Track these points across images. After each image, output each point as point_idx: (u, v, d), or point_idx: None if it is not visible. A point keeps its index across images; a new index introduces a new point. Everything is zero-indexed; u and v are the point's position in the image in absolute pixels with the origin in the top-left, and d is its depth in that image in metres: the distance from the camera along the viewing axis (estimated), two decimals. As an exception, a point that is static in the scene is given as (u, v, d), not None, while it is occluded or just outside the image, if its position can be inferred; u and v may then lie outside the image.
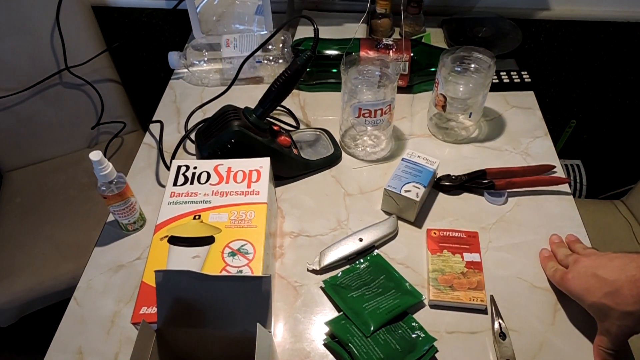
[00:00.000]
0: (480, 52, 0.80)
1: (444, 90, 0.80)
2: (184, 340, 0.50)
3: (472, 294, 0.63)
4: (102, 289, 0.68)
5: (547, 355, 0.59)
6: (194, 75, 1.01)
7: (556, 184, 0.77)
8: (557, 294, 0.64)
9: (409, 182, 0.72)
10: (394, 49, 0.91)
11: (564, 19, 1.18)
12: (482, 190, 0.77)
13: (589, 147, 1.49)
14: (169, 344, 0.50)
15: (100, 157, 0.65)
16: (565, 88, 1.34)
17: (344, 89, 0.78)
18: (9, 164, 1.29)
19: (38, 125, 1.25)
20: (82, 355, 0.61)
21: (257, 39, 0.98)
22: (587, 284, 0.56)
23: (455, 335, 0.61)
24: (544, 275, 0.66)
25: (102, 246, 0.73)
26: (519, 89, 0.96)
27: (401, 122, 0.90)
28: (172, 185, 0.63)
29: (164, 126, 0.91)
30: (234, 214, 0.59)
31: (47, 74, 1.18)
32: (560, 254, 0.65)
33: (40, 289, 1.06)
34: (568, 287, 0.59)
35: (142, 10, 1.26)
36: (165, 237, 0.57)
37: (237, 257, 0.54)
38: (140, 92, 1.40)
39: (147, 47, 1.36)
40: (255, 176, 0.63)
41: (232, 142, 0.71)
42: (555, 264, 0.64)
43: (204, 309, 0.47)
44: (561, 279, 0.60)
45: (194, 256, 0.54)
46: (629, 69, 1.27)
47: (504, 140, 0.87)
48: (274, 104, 0.74)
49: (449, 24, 1.10)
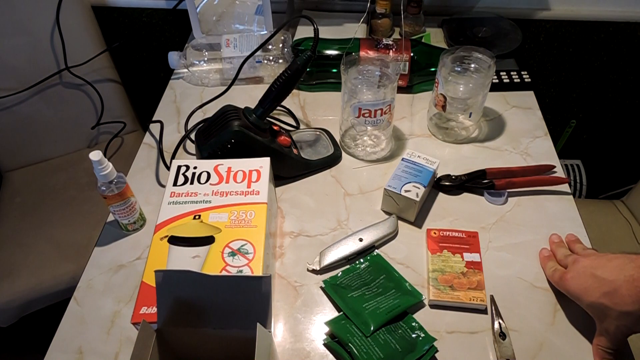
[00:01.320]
0: (480, 52, 0.80)
1: (444, 90, 0.80)
2: (184, 340, 0.50)
3: (472, 294, 0.63)
4: (102, 289, 0.68)
5: (547, 355, 0.59)
6: (194, 75, 1.01)
7: (556, 184, 0.77)
8: (557, 294, 0.64)
9: (409, 182, 0.72)
10: (394, 49, 0.91)
11: (564, 19, 1.18)
12: (482, 190, 0.77)
13: (589, 147, 1.49)
14: (169, 344, 0.50)
15: (100, 157, 0.65)
16: (565, 88, 1.34)
17: (344, 89, 0.78)
18: (9, 164, 1.29)
19: (38, 125, 1.25)
20: (82, 355, 0.61)
21: (257, 39, 0.98)
22: (586, 284, 0.56)
23: (455, 335, 0.61)
24: (544, 275, 0.66)
25: (102, 246, 0.73)
26: (519, 89, 0.96)
27: (401, 122, 0.90)
28: (172, 185, 0.63)
29: (164, 126, 0.90)
30: (234, 214, 0.59)
31: (47, 74, 1.18)
32: (559, 254, 0.65)
33: (40, 289, 1.06)
34: (567, 287, 0.59)
35: (142, 10, 1.26)
36: (165, 237, 0.57)
37: (237, 257, 0.54)
38: (140, 92, 1.40)
39: (147, 47, 1.36)
40: (255, 176, 0.63)
41: (232, 142, 0.71)
42: (554, 264, 0.64)
43: (204, 309, 0.47)
44: (560, 279, 0.60)
45: (194, 256, 0.54)
46: (629, 69, 1.27)
47: (504, 140, 0.87)
48: (274, 104, 0.74)
49: (449, 24, 1.10)
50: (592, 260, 0.57)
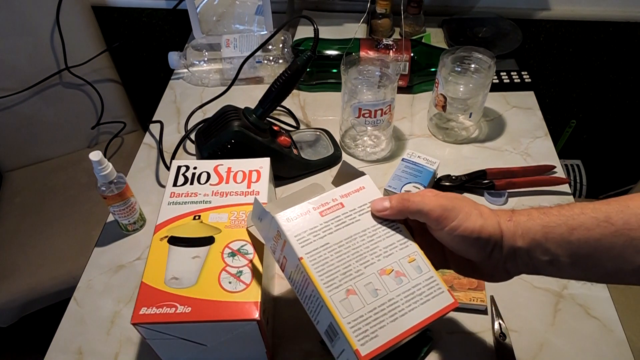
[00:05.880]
0: (480, 52, 0.80)
1: (444, 90, 0.80)
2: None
3: (472, 294, 0.63)
4: (102, 289, 0.68)
5: (547, 355, 0.59)
6: (194, 75, 1.01)
7: (556, 184, 0.77)
8: (557, 294, 0.64)
9: (409, 182, 0.72)
10: (394, 49, 0.91)
11: (564, 19, 1.18)
12: (483, 191, 0.77)
13: (589, 147, 1.49)
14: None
15: (100, 157, 0.65)
16: (565, 88, 1.34)
17: (344, 89, 0.78)
18: (9, 164, 1.29)
19: (38, 125, 1.25)
20: (82, 356, 0.61)
21: (257, 39, 0.98)
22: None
23: (455, 336, 0.61)
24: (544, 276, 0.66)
25: (102, 246, 0.73)
26: (519, 89, 0.96)
27: (401, 122, 0.90)
28: (172, 186, 0.63)
29: (164, 126, 0.90)
30: (234, 214, 0.59)
31: (47, 74, 1.18)
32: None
33: (40, 289, 1.06)
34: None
35: (142, 10, 1.26)
36: (165, 237, 0.57)
37: (237, 257, 0.54)
38: (140, 92, 1.40)
39: (147, 47, 1.36)
40: (255, 176, 0.63)
41: (232, 143, 0.71)
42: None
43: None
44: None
45: (193, 256, 0.54)
46: (629, 69, 1.27)
47: (504, 140, 0.87)
48: (274, 104, 0.74)
49: (449, 24, 1.10)
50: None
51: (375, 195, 0.50)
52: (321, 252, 0.45)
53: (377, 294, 0.44)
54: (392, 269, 0.46)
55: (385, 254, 0.47)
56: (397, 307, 0.44)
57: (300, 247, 0.45)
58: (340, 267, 0.45)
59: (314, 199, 0.48)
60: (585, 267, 0.43)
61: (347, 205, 0.49)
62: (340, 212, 0.48)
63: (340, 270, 0.44)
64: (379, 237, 0.47)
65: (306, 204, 0.48)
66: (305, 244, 0.45)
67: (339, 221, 0.47)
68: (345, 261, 0.45)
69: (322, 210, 0.48)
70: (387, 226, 0.48)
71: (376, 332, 0.42)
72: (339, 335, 0.42)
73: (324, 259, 0.45)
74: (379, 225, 0.48)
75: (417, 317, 0.44)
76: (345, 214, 0.48)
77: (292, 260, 0.46)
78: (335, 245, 0.46)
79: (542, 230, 0.43)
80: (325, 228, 0.46)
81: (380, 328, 0.42)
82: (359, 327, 0.42)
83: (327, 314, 0.43)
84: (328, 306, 0.42)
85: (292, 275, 0.47)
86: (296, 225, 0.46)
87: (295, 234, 0.45)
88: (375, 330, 0.42)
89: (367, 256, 0.46)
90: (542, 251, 0.44)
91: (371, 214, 0.49)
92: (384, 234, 0.48)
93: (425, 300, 0.45)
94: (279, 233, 0.46)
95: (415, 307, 0.45)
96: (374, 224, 0.48)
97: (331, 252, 0.45)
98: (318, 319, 0.45)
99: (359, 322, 0.42)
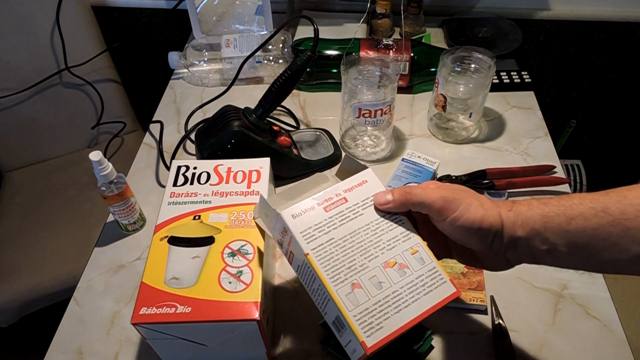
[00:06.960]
0: (480, 52, 0.80)
1: (444, 90, 0.80)
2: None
3: (472, 294, 0.63)
4: (102, 289, 0.68)
5: (547, 355, 0.59)
6: (194, 75, 1.01)
7: (556, 184, 0.77)
8: (557, 294, 0.64)
9: (409, 182, 0.72)
10: (394, 49, 0.91)
11: (564, 19, 1.18)
12: (483, 191, 0.77)
13: (589, 147, 1.49)
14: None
15: (100, 157, 0.65)
16: (565, 88, 1.34)
17: (344, 89, 0.78)
18: (9, 164, 1.29)
19: (38, 125, 1.25)
20: (82, 356, 0.61)
21: (257, 39, 0.98)
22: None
23: (455, 335, 0.61)
24: (544, 275, 0.66)
25: (102, 246, 0.73)
26: (519, 89, 0.96)
27: (401, 122, 0.90)
28: (172, 186, 0.63)
29: (164, 126, 0.90)
30: (234, 214, 0.59)
31: (47, 74, 1.18)
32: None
33: (40, 289, 1.06)
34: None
35: (142, 10, 1.26)
36: (165, 237, 0.57)
37: (237, 257, 0.54)
38: (140, 92, 1.40)
39: (147, 47, 1.36)
40: (255, 176, 0.63)
41: (232, 143, 0.71)
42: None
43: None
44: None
45: (193, 256, 0.54)
46: (629, 69, 1.27)
47: (504, 140, 0.87)
48: (274, 104, 0.74)
49: (449, 24, 1.10)
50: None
51: (378, 188, 0.51)
52: (326, 248, 0.46)
53: (382, 287, 0.45)
54: (395, 261, 0.47)
55: (389, 246, 0.48)
56: (401, 299, 0.45)
57: (306, 243, 0.46)
58: (345, 261, 0.46)
59: (318, 195, 0.49)
60: (582, 256, 0.43)
61: (351, 200, 0.50)
62: (344, 207, 0.49)
63: (346, 265, 0.46)
64: (382, 230, 0.49)
65: (310, 200, 0.49)
66: (310, 240, 0.46)
67: (342, 216, 0.48)
68: (350, 255, 0.46)
69: (326, 206, 0.49)
70: (390, 219, 0.49)
71: (381, 323, 0.44)
72: (345, 328, 0.44)
73: (329, 254, 0.46)
74: (382, 218, 0.49)
75: (421, 308, 0.45)
76: (349, 209, 0.49)
77: (298, 256, 0.47)
78: (340, 240, 0.47)
79: (542, 220, 0.44)
80: (329, 223, 0.48)
81: (385, 320, 0.44)
82: (364, 319, 0.43)
83: (334, 308, 0.44)
84: (334, 300, 0.44)
85: (299, 269, 0.48)
86: (301, 222, 0.47)
87: (301, 231, 0.47)
88: (380, 322, 0.44)
89: (371, 250, 0.47)
90: (541, 240, 0.44)
91: (374, 207, 0.50)
92: (387, 227, 0.49)
93: (428, 291, 0.47)
94: (285, 229, 0.47)
95: (419, 298, 0.46)
96: (377, 218, 0.49)
97: (336, 247, 0.46)
98: (326, 310, 0.46)
99: (365, 315, 0.44)
